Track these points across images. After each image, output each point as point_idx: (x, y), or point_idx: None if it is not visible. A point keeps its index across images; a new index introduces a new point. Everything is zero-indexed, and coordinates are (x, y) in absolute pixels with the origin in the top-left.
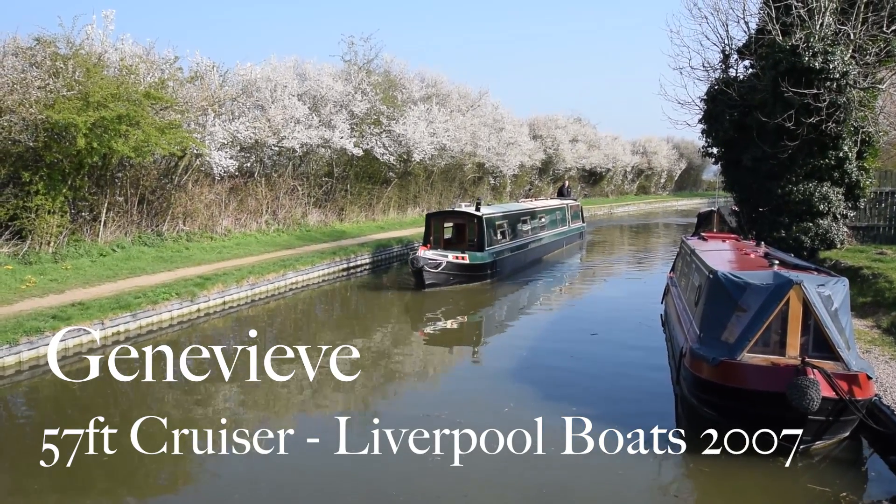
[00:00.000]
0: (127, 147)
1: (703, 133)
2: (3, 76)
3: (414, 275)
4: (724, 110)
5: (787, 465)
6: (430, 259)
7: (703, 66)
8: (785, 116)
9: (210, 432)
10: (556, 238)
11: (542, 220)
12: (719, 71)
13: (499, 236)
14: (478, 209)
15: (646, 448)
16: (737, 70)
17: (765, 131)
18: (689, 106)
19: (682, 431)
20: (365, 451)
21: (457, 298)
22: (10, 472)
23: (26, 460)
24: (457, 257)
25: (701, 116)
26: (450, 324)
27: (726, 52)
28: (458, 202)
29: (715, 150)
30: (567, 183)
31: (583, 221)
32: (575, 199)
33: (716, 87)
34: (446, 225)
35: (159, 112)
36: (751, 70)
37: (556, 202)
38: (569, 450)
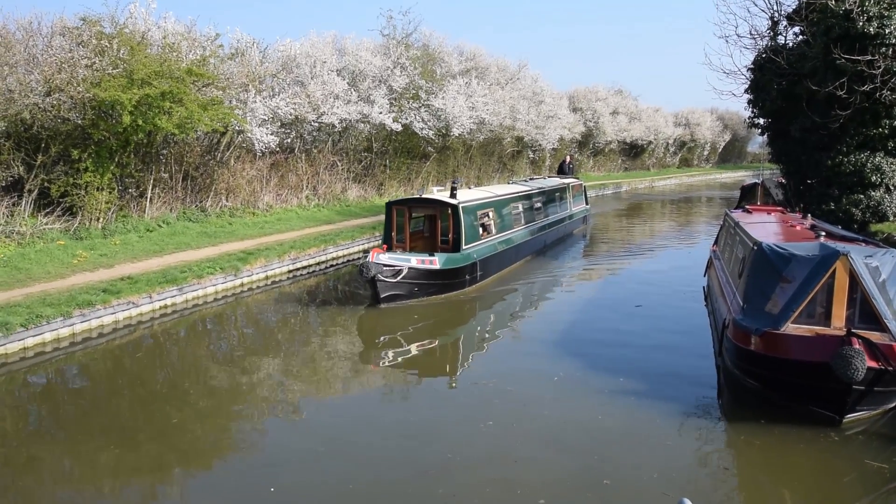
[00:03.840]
0: (171, 124)
1: (749, 103)
2: (52, 56)
3: (369, 286)
4: (772, 79)
5: (836, 438)
6: (385, 265)
7: (751, 34)
8: (836, 85)
9: (259, 402)
10: (555, 227)
11: (538, 205)
12: (767, 38)
13: (481, 230)
14: (453, 195)
15: (691, 419)
16: (786, 37)
17: (814, 100)
18: (734, 75)
19: (727, 403)
20: (417, 418)
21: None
22: (66, 440)
23: (80, 429)
24: (423, 261)
25: (747, 86)
26: (495, 299)
27: (775, 19)
28: (430, 186)
29: (761, 121)
30: (569, 158)
31: (587, 203)
32: (577, 178)
33: (763, 56)
34: (414, 216)
35: (201, 89)
36: (801, 37)
37: (555, 182)
38: (616, 420)
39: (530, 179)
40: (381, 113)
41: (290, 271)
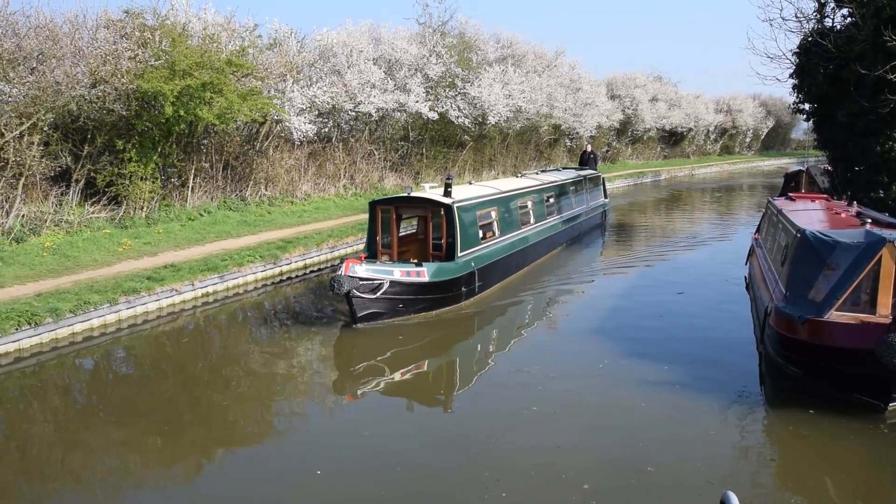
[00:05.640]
0: (211, 114)
1: (793, 88)
2: (97, 48)
3: (346, 302)
4: (818, 63)
5: (885, 430)
6: (362, 279)
7: (796, 17)
8: (887, 68)
9: (301, 389)
10: (569, 225)
11: (550, 201)
12: (814, 21)
13: (481, 233)
14: (447, 193)
15: (734, 407)
16: (833, 19)
17: (863, 84)
18: (779, 60)
19: (769, 391)
20: (461, 404)
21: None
22: (113, 421)
23: (127, 411)
24: (408, 273)
25: (792, 71)
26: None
27: (822, 1)
28: (421, 182)
29: (807, 107)
30: (590, 147)
31: (605, 197)
32: (595, 169)
33: (809, 39)
34: (404, 217)
35: (241, 79)
36: (849, 19)
37: (570, 175)
38: (659, 407)
39: (541, 172)
40: (417, 101)
41: (328, 260)
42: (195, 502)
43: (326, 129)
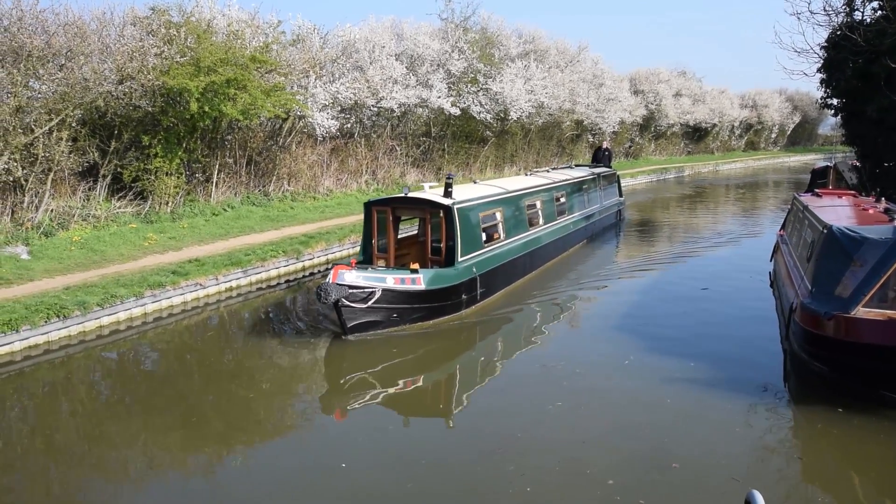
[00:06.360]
0: (235, 110)
1: (821, 83)
2: (124, 45)
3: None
4: (847, 57)
5: None
6: (352, 287)
7: (825, 10)
8: None
9: (324, 383)
10: (581, 226)
11: (560, 200)
12: (843, 14)
13: (484, 236)
14: (447, 194)
15: (759, 404)
16: (863, 13)
17: (893, 79)
18: (806, 54)
19: (794, 387)
20: (486, 399)
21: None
22: (138, 413)
23: (151, 403)
24: (402, 280)
25: (820, 65)
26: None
27: None
28: (421, 181)
29: (835, 101)
30: (606, 144)
31: (620, 195)
32: (610, 167)
33: (838, 33)
34: (402, 219)
35: (264, 75)
36: (879, 12)
37: (583, 173)
38: (685, 403)
39: (552, 170)
40: (439, 97)
41: (349, 255)
42: (218, 493)
43: (349, 125)
